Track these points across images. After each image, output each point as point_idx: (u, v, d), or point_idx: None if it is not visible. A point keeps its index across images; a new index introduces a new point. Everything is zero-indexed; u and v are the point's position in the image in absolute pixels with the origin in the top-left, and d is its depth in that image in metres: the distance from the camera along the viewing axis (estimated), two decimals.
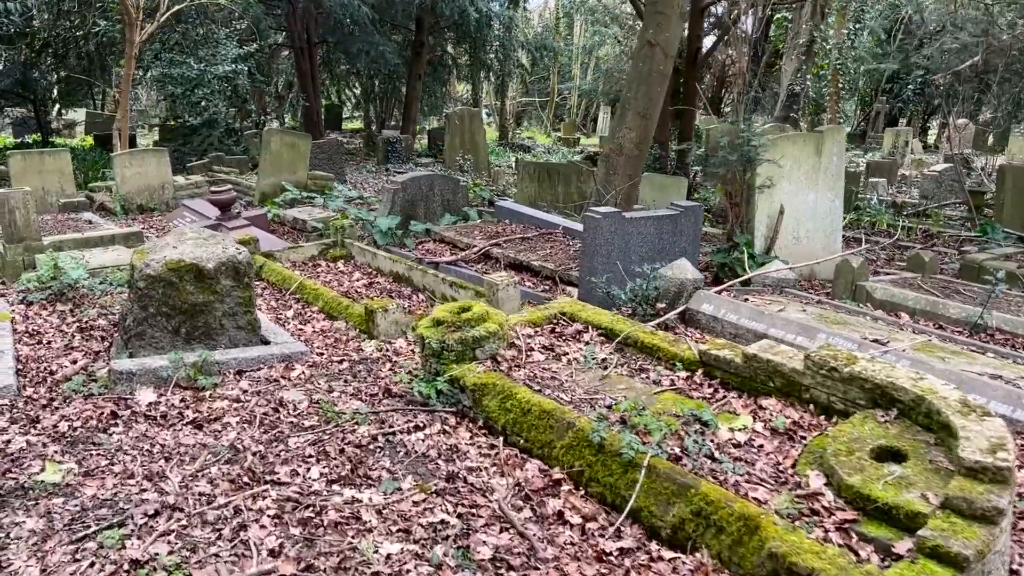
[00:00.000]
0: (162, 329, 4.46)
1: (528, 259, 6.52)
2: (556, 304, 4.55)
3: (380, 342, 4.94)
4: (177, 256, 4.43)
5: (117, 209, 9.98)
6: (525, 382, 3.65)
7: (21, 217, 6.50)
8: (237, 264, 4.58)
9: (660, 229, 5.91)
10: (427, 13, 23.04)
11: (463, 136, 18.12)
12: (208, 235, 4.77)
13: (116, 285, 5.78)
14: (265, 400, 4.06)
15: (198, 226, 8.26)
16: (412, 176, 8.60)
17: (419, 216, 8.66)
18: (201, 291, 4.48)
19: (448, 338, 3.80)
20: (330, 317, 5.56)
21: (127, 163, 10.08)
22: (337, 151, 15.59)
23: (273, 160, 11.43)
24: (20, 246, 6.56)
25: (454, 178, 9.06)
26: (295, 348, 4.68)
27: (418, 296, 6.26)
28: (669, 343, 3.88)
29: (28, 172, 9.41)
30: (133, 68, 12.72)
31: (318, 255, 7.30)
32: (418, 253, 7.45)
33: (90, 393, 4.12)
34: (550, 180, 9.71)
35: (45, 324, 5.24)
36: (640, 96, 7.15)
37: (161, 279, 4.37)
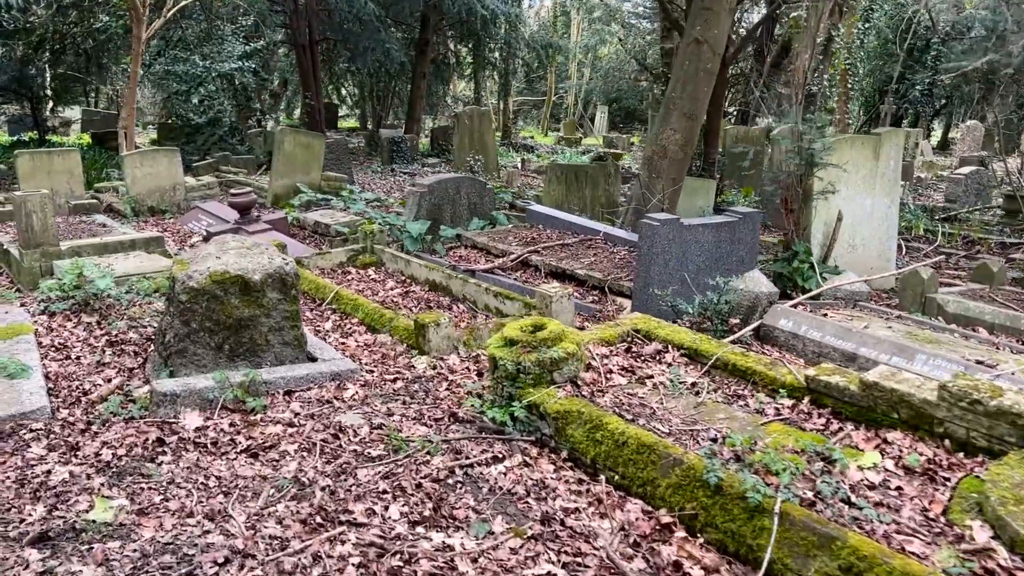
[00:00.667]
0: (205, 346, 4.16)
1: (572, 267, 6.24)
2: (628, 320, 4.27)
3: (432, 358, 4.65)
4: (221, 267, 4.13)
5: (127, 211, 9.65)
6: (613, 409, 3.36)
7: (39, 221, 6.19)
8: (284, 276, 4.28)
9: (718, 237, 5.64)
10: (432, 11, 22.73)
11: (472, 136, 17.82)
12: (251, 244, 4.48)
13: (143, 295, 5.47)
14: (322, 424, 3.77)
15: (215, 229, 7.95)
16: (438, 179, 8.30)
17: (445, 220, 8.37)
18: (246, 305, 4.19)
19: (524, 360, 3.51)
20: (372, 330, 5.27)
21: (137, 163, 9.75)
22: (345, 151, 15.29)
23: (286, 161, 11.11)
24: (37, 252, 6.25)
25: (481, 181, 8.77)
26: (345, 365, 4.39)
27: (458, 306, 5.97)
28: (766, 366, 3.60)
29: (37, 172, 9.08)
30: (139, 65, 12.37)
31: (347, 262, 7.01)
32: (450, 260, 7.16)
33: (130, 416, 3.82)
34: (577, 183, 9.44)
35: (72, 337, 4.93)
36: (686, 96, 6.87)
37: (205, 292, 4.07)
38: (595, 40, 39.70)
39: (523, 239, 7.30)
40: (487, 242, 7.28)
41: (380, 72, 25.94)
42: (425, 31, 23.24)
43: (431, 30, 23.35)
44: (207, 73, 15.45)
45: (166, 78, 15.51)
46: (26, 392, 3.96)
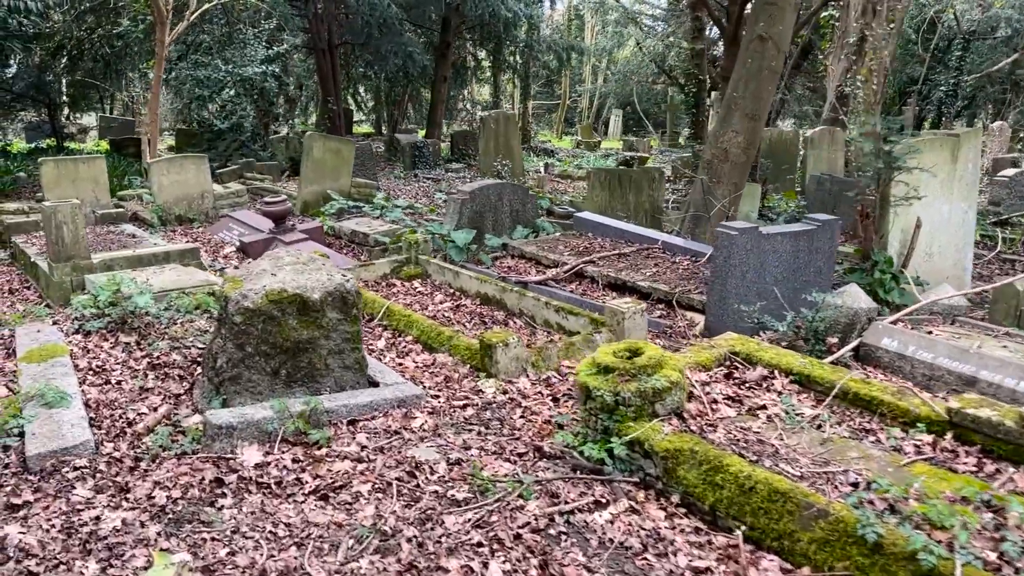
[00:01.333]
0: (260, 371, 3.81)
1: (633, 279, 5.86)
2: (723, 341, 3.89)
3: (500, 381, 4.29)
4: (278, 285, 3.78)
5: (154, 220, 9.36)
6: (730, 447, 2.98)
7: (69, 233, 5.88)
8: (345, 294, 3.93)
9: (796, 246, 5.25)
10: (454, 13, 22.45)
11: (497, 140, 17.48)
12: (307, 259, 4.13)
13: (184, 312, 5.14)
14: (394, 460, 3.41)
15: (248, 239, 7.64)
16: (480, 185, 7.95)
17: (487, 228, 8.02)
18: (305, 326, 3.84)
19: (623, 390, 3.14)
20: (429, 349, 4.91)
21: (164, 171, 9.46)
22: (370, 157, 14.99)
23: (315, 167, 10.80)
24: (68, 265, 5.93)
25: (523, 187, 8.42)
26: (409, 391, 4.03)
27: (514, 322, 5.61)
28: (893, 396, 3.22)
29: (62, 181, 8.80)
30: (163, 70, 12.10)
31: (391, 273, 6.66)
32: (498, 271, 6.81)
33: (182, 451, 3.47)
34: (621, 188, 9.07)
35: (110, 359, 4.60)
36: (748, 95, 6.50)
37: (261, 313, 3.73)
38: (613, 43, 39.36)
39: (574, 248, 6.93)
40: (536, 252, 6.91)
41: (397, 76, 25.70)
42: (446, 34, 22.95)
43: (452, 33, 23.06)
44: (229, 78, 15.18)
45: (187, 83, 15.25)
46: (67, 424, 3.63)
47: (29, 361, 4.51)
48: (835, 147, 15.01)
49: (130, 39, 16.84)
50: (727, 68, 11.08)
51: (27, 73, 22.22)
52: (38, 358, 4.54)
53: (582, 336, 4.69)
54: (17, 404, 3.87)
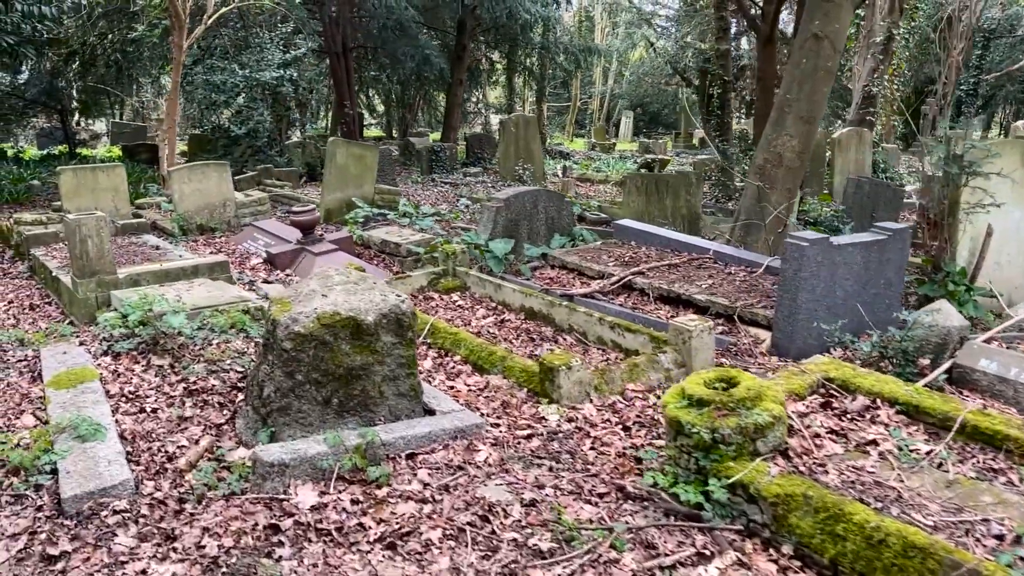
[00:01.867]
0: (310, 400, 3.53)
1: (687, 292, 5.56)
2: (814, 366, 3.59)
3: (563, 407, 3.99)
4: (331, 307, 3.50)
5: (175, 230, 9.11)
6: (847, 492, 2.68)
7: (94, 247, 5.62)
8: (400, 316, 3.65)
9: (867, 257, 4.94)
10: (470, 15, 22.19)
11: (518, 144, 17.23)
12: (357, 278, 3.85)
13: (218, 331, 4.86)
14: (462, 501, 3.12)
15: (276, 250, 7.37)
16: (515, 192, 7.67)
17: (522, 237, 7.73)
18: (359, 351, 3.56)
19: (721, 426, 2.84)
20: (479, 370, 4.62)
21: (185, 179, 9.21)
22: (388, 162, 14.73)
23: (339, 173, 10.55)
24: (92, 281, 5.68)
25: (558, 194, 8.13)
26: (468, 419, 3.74)
27: (564, 338, 5.31)
28: (1020, 429, 2.90)
29: (81, 190, 8.57)
30: (180, 74, 11.88)
31: (428, 286, 6.38)
32: (539, 282, 6.52)
33: (230, 491, 3.20)
34: (658, 193, 8.77)
35: (143, 384, 4.33)
36: (802, 97, 6.19)
37: (313, 338, 3.45)
38: (626, 44, 39.06)
39: (618, 258, 6.63)
40: (578, 262, 6.62)
41: (411, 80, 25.49)
42: (462, 36, 22.69)
43: (468, 35, 22.81)
44: (245, 82, 14.96)
45: (203, 88, 15.03)
46: (103, 460, 3.36)
47: (57, 387, 4.25)
48: (863, 148, 14.66)
49: (145, 44, 16.65)
50: (762, 69, 10.77)
51: (39, 79, 22.12)
52: (67, 383, 4.28)
53: (646, 357, 4.39)
54: (48, 437, 3.60)
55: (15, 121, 23.29)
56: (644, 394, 4.20)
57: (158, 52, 22.05)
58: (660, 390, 4.30)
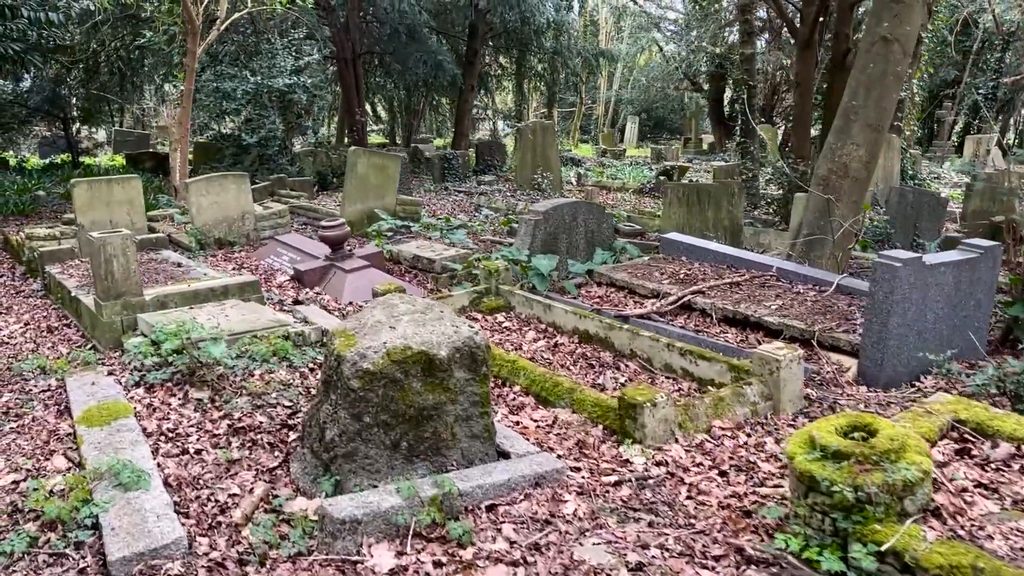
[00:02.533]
0: (378, 445, 3.21)
1: (756, 313, 5.23)
2: (940, 406, 3.26)
3: (647, 448, 3.66)
4: (401, 341, 3.18)
5: (192, 244, 8.80)
6: (1021, 560, 2.34)
7: (120, 267, 5.30)
8: (474, 349, 3.33)
9: (958, 277, 4.63)
10: (481, 20, 21.94)
11: (535, 151, 16.95)
12: (424, 306, 3.53)
13: (259, 360, 4.54)
14: (559, 564, 2.80)
15: (304, 267, 7.06)
16: (554, 204, 7.36)
17: (561, 251, 7.42)
18: (431, 389, 3.24)
19: (865, 483, 2.51)
20: (543, 402, 4.30)
21: (203, 191, 8.91)
22: (404, 171, 14.41)
23: (359, 184, 10.25)
24: (118, 303, 5.36)
25: (599, 206, 7.82)
26: (547, 463, 3.42)
27: (626, 365, 4.99)
28: None
29: (95, 203, 8.26)
30: (193, 82, 11.59)
31: (470, 306, 6.06)
32: (586, 301, 6.20)
33: (296, 551, 2.88)
34: (699, 204, 8.46)
35: (182, 420, 4.01)
36: (870, 104, 5.88)
37: (383, 376, 3.13)
38: (635, 49, 38.82)
39: (671, 275, 6.31)
40: (628, 279, 6.30)
41: (417, 86, 25.26)
42: (473, 42, 22.44)
43: (479, 41, 22.56)
44: (256, 89, 14.68)
45: (212, 95, 14.74)
46: (150, 513, 3.04)
47: (89, 424, 3.94)
48: (891, 154, 14.35)
49: (153, 50, 16.39)
50: (800, 74, 10.48)
51: (42, 87, 21.87)
52: (99, 420, 3.96)
53: (730, 390, 4.07)
54: (85, 485, 3.28)
55: (17, 130, 23.00)
56: (733, 432, 3.88)
57: (162, 59, 21.82)
58: (749, 427, 3.97)
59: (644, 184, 18.52)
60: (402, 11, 17.74)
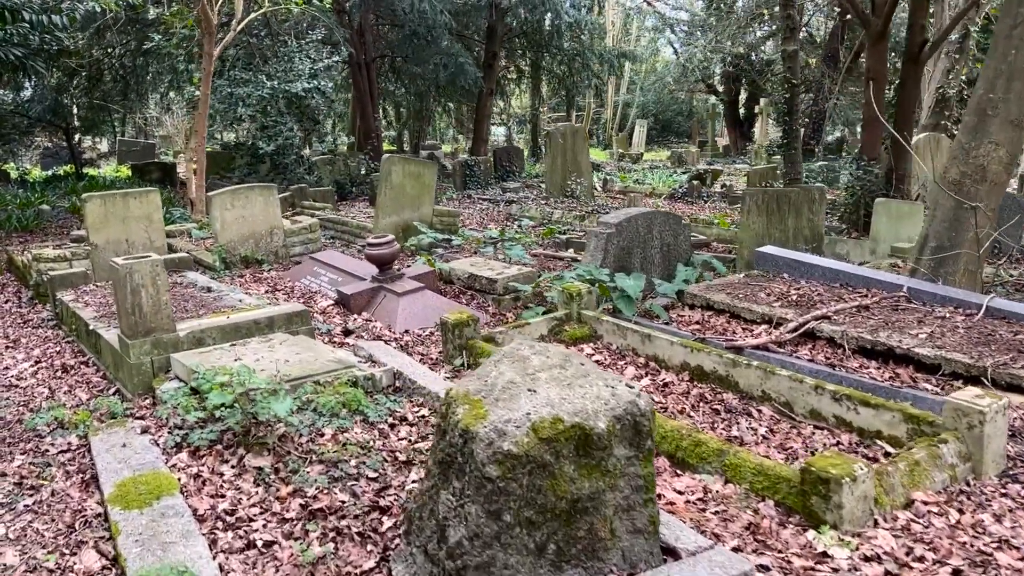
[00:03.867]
0: (520, 549, 2.43)
1: (902, 344, 4.45)
2: None
3: (844, 535, 2.87)
4: (548, 411, 2.41)
5: (216, 263, 8.05)
6: None
7: (149, 299, 4.54)
8: (638, 418, 2.56)
9: None
10: (500, 22, 21.23)
11: (565, 156, 16.20)
12: (560, 358, 2.77)
13: (327, 415, 3.77)
14: None
15: (349, 289, 6.29)
16: (627, 215, 6.59)
17: (634, 267, 6.67)
18: (586, 473, 2.47)
19: None
20: (680, 465, 3.52)
21: (228, 204, 8.17)
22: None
23: (395, 194, 9.50)
24: (147, 341, 4.59)
25: (675, 216, 7.05)
26: (730, 565, 2.62)
27: (758, 410, 4.20)
28: None
29: (110, 220, 7.51)
30: (210, 87, 10.85)
31: (548, 335, 5.28)
32: (684, 328, 5.42)
33: None
34: (779, 211, 7.67)
35: (241, 498, 3.23)
36: (1012, 97, 5.12)
37: (529, 460, 2.36)
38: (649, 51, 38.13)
39: (779, 296, 5.53)
40: (729, 301, 5.52)
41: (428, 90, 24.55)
42: (492, 43, 21.73)
43: (498, 43, 21.83)
44: (273, 94, 13.94)
45: (225, 101, 13.99)
46: None
47: (125, 504, 3.17)
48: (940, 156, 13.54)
49: (160, 55, 15.68)
50: (872, 68, 9.70)
51: (44, 96, 21.17)
52: (137, 499, 3.19)
53: (926, 451, 3.27)
54: None
55: (19, 141, 22.30)
56: (939, 506, 3.09)
57: (168, 65, 21.13)
58: (952, 498, 3.18)
59: (676, 189, 17.76)
60: (422, 11, 17.00)
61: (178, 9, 13.78)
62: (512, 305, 6.42)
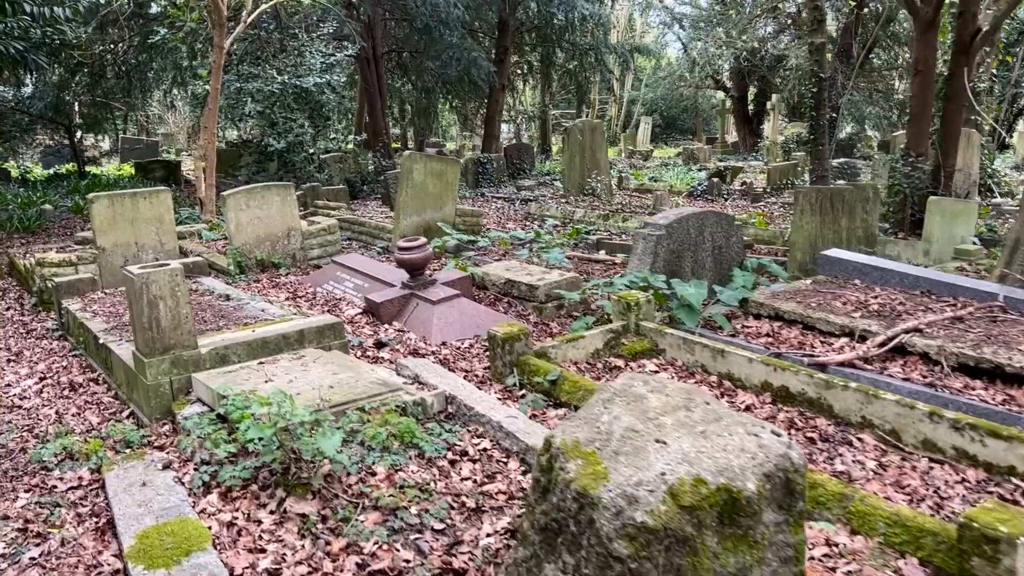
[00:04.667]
0: None
1: (1014, 361, 3.96)
2: None
3: None
4: (686, 471, 1.94)
5: (230, 267, 7.57)
6: None
7: (168, 312, 4.06)
8: (790, 474, 2.08)
9: None
10: (511, 15, 20.72)
11: (583, 154, 15.69)
12: (682, 396, 2.27)
13: (376, 448, 3.28)
14: None
15: (379, 296, 5.81)
16: (678, 215, 6.10)
17: (685, 272, 6.18)
18: (730, 546, 1.99)
19: None
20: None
21: (243, 204, 7.68)
22: None
23: (416, 193, 9.00)
24: (166, 359, 4.11)
25: (727, 216, 6.55)
26: None
27: (858, 439, 3.71)
28: None
29: (118, 222, 7.02)
30: (221, 81, 10.35)
31: (604, 349, 4.79)
32: (752, 341, 4.93)
33: None
34: (832, 211, 7.18)
35: (286, 554, 2.74)
36: None
37: (667, 534, 1.87)
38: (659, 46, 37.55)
39: (856, 305, 5.04)
40: (802, 311, 5.02)
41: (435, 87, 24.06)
42: (503, 38, 21.23)
43: (510, 36, 21.32)
44: (283, 89, 13.44)
45: (235, 96, 13.49)
46: None
47: (150, 562, 2.71)
48: (971, 151, 13.05)
49: (164, 50, 15.17)
50: (922, 60, 9.18)
51: (45, 92, 20.66)
52: (163, 555, 2.72)
53: None
54: None
55: (19, 138, 21.78)
56: None
57: (172, 60, 20.62)
58: None
59: (695, 186, 17.28)
60: (435, 4, 16.49)
61: (184, 1, 13.28)
62: (555, 314, 5.93)
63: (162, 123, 37.60)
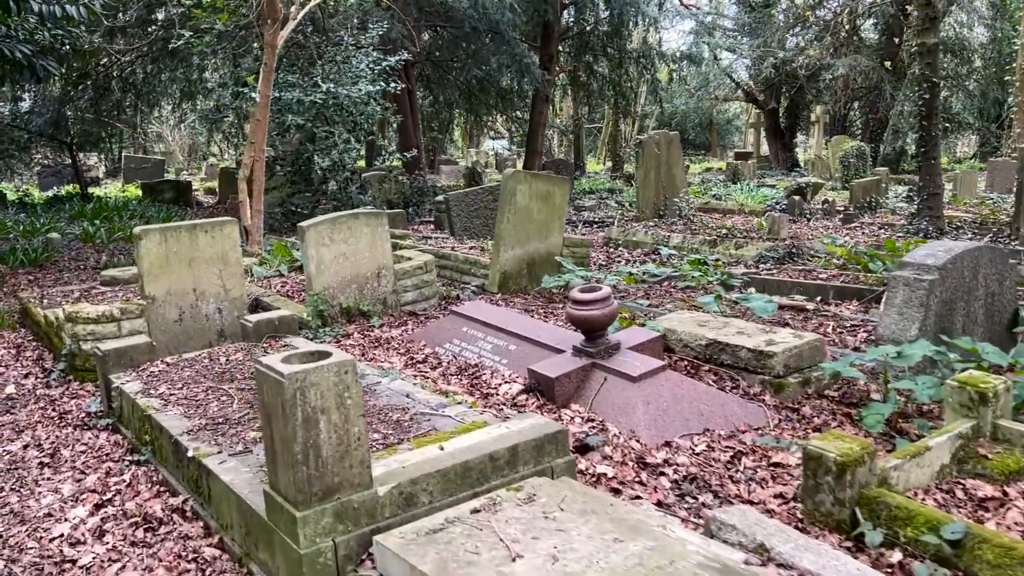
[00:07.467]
0: None
1: None
2: None
3: None
4: None
5: (311, 317, 6.02)
6: None
7: (333, 435, 2.53)
8: None
9: None
10: (556, 21, 19.32)
11: (659, 170, 14.20)
12: None
13: None
14: None
15: (551, 371, 4.27)
16: (951, 253, 4.59)
17: (955, 330, 4.64)
18: None
19: None
20: None
21: (326, 238, 6.16)
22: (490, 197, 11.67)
23: (520, 220, 7.50)
24: (328, 508, 2.55)
25: (1000, 251, 5.03)
26: None
27: None
28: None
29: (172, 263, 5.47)
30: (271, 87, 8.86)
31: (951, 463, 3.23)
32: None
33: None
34: None
35: None
36: None
37: None
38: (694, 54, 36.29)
39: None
40: None
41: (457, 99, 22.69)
42: (548, 44, 19.78)
43: (555, 42, 19.90)
44: (327, 100, 11.95)
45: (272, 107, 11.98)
46: None
47: None
48: None
49: (190, 54, 13.69)
50: None
51: (44, 107, 19.17)
52: None
53: None
54: None
55: (17, 157, 20.23)
56: None
57: (182, 72, 19.21)
58: None
59: (772, 204, 15.82)
60: (484, 6, 15.06)
61: (211, 2, 11.82)
62: (800, 393, 4.38)
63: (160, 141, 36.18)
